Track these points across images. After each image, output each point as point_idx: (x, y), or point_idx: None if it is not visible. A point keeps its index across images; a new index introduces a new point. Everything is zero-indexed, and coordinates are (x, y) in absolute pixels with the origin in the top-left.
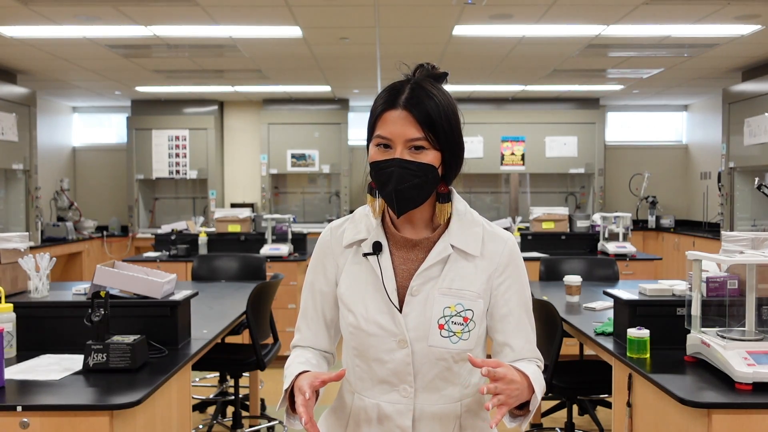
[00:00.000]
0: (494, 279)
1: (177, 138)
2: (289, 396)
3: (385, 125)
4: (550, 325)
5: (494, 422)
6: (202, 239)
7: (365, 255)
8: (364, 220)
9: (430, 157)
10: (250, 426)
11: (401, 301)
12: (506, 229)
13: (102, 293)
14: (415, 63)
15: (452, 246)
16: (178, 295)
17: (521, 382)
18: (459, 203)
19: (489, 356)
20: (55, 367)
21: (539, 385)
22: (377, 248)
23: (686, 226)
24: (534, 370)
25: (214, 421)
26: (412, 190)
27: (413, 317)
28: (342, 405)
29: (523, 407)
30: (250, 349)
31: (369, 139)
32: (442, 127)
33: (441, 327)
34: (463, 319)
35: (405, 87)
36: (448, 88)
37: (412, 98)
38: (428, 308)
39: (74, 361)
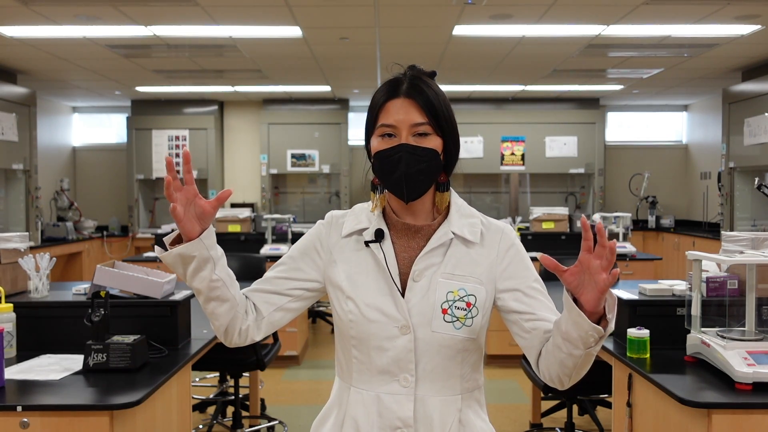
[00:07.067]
0: (497, 266)
1: (177, 138)
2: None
3: (389, 114)
4: None
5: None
6: None
7: (367, 243)
8: (365, 212)
9: (434, 143)
10: (250, 426)
11: (403, 288)
12: None
13: (102, 293)
14: (412, 63)
15: (453, 233)
16: (178, 295)
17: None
18: (457, 198)
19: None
20: (55, 367)
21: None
22: (379, 235)
23: (686, 226)
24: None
25: (214, 421)
26: (420, 175)
27: (416, 302)
28: (338, 402)
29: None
30: (250, 349)
31: (369, 133)
32: (443, 114)
33: (444, 312)
34: (466, 305)
35: (403, 79)
36: (449, 88)
37: (413, 87)
38: (431, 293)
39: (74, 361)
